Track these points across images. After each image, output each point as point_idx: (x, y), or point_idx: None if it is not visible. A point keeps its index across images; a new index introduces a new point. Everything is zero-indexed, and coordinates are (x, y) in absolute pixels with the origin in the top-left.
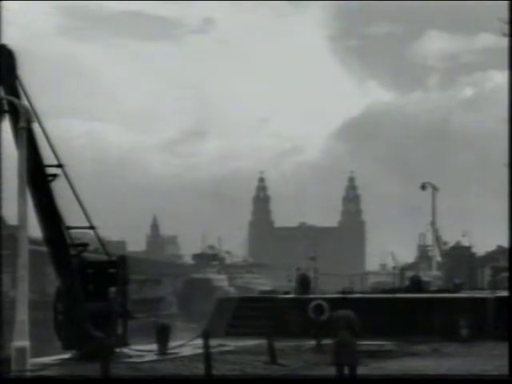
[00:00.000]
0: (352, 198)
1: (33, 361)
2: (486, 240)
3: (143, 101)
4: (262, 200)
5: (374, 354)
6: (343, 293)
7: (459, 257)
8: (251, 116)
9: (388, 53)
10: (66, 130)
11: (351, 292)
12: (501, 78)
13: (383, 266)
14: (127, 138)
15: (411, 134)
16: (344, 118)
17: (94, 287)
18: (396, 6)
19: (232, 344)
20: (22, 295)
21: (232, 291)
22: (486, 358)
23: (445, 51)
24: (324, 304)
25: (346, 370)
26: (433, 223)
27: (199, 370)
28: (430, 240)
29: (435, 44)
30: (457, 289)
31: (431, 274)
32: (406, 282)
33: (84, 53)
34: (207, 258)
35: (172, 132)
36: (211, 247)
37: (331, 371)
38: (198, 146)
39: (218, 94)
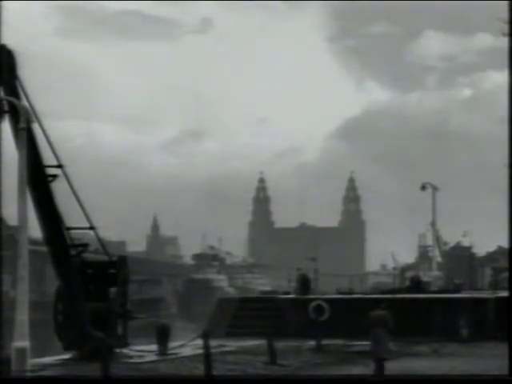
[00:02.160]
0: (352, 198)
1: (33, 361)
2: (486, 240)
3: (142, 101)
4: (261, 200)
5: None
6: (340, 293)
7: (459, 257)
8: (250, 116)
9: (387, 53)
10: (65, 130)
11: (348, 292)
12: (499, 78)
13: (383, 266)
14: (126, 138)
15: (410, 134)
16: (343, 118)
17: (94, 287)
18: (394, 7)
19: (232, 344)
20: (21, 295)
21: (232, 291)
22: (486, 358)
23: (443, 51)
24: (324, 304)
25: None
26: (433, 223)
27: (199, 370)
28: (430, 240)
29: (434, 44)
30: (457, 289)
31: (431, 275)
32: (407, 283)
33: (83, 53)
34: (207, 259)
35: (171, 132)
36: (211, 247)
37: (331, 371)
38: (197, 146)
39: (217, 93)
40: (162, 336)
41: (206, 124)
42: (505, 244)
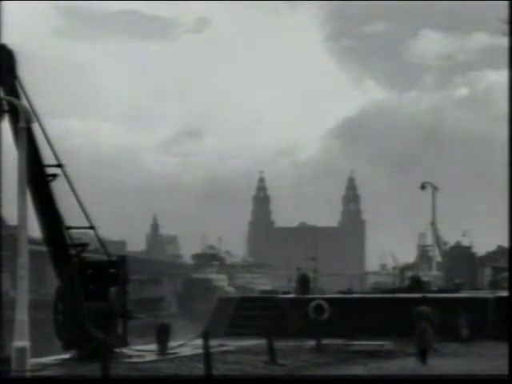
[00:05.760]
0: (352, 197)
1: (33, 361)
2: (486, 240)
3: (140, 100)
4: (261, 200)
5: (374, 354)
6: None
7: (459, 257)
8: (248, 115)
9: (384, 52)
10: (64, 129)
11: (347, 292)
12: (496, 77)
13: (383, 266)
14: (125, 138)
15: (407, 133)
16: (341, 117)
17: (93, 287)
18: (392, 6)
19: (232, 344)
20: (21, 295)
21: (232, 291)
22: (486, 358)
23: (440, 51)
24: (324, 304)
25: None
26: (433, 223)
27: (199, 369)
28: (430, 240)
29: (431, 43)
30: (457, 289)
31: (431, 274)
32: (406, 283)
33: (82, 52)
34: (207, 258)
35: (169, 131)
36: (211, 247)
37: (331, 371)
38: (195, 145)
39: (215, 93)
40: (162, 336)
41: (205, 123)
42: (505, 244)
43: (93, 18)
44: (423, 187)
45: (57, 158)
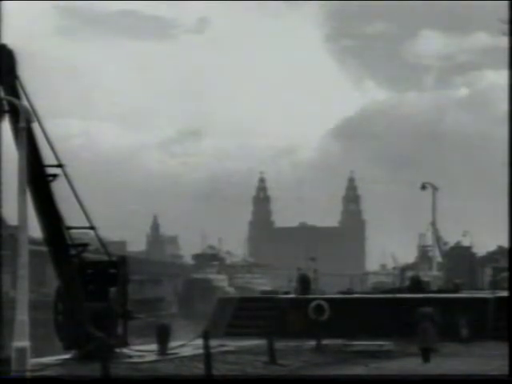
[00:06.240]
0: (352, 197)
1: (33, 361)
2: (486, 240)
3: (140, 100)
4: (262, 200)
5: (374, 354)
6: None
7: (459, 257)
8: (248, 115)
9: (384, 52)
10: (64, 129)
11: (347, 292)
12: (496, 77)
13: (383, 266)
14: (125, 138)
15: (407, 134)
16: (341, 117)
17: (94, 287)
18: (391, 6)
19: (232, 344)
20: (21, 295)
21: (232, 291)
22: (486, 358)
23: (440, 51)
24: (324, 304)
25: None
26: (433, 223)
27: (199, 369)
28: (430, 240)
29: (430, 44)
30: (457, 289)
31: (431, 275)
32: (407, 283)
33: (81, 52)
34: (207, 258)
35: (169, 131)
36: (211, 247)
37: (331, 371)
38: (195, 145)
39: (215, 93)
40: (162, 336)
41: (205, 123)
42: (505, 244)
43: (93, 18)
44: (423, 187)
45: (57, 158)
